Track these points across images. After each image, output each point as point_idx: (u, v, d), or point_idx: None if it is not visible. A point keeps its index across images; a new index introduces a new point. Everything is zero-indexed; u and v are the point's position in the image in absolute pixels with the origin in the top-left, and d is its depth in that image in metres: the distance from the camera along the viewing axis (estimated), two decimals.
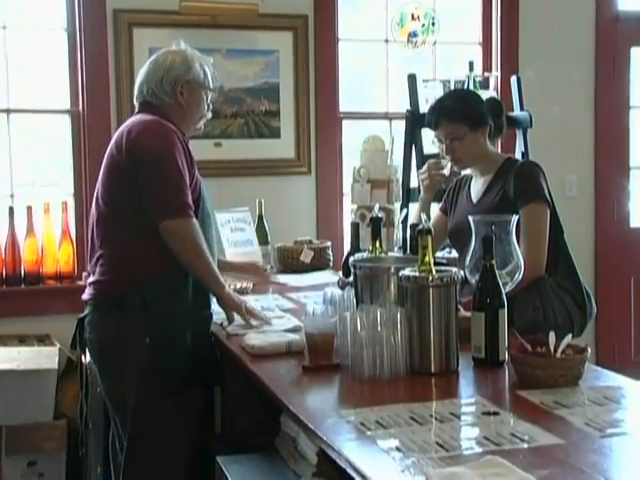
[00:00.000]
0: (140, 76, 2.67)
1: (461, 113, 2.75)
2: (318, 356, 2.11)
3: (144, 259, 2.44)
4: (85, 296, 2.52)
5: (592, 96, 4.86)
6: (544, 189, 2.68)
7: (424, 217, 2.15)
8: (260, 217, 3.78)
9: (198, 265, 2.46)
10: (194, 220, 2.44)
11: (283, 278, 3.60)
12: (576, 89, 4.83)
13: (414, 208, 3.20)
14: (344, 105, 4.51)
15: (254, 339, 2.33)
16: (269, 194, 4.07)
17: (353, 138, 4.50)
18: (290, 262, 3.82)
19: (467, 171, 2.97)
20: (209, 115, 2.76)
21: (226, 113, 4.20)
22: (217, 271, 2.52)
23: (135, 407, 2.44)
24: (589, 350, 1.93)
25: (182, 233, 2.41)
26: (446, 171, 2.99)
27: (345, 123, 4.52)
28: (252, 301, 3.06)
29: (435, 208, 3.08)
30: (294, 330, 2.45)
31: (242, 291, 3.23)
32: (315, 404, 1.90)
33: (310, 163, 4.37)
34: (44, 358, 3.53)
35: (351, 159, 4.38)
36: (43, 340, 3.77)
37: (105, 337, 2.47)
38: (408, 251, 2.45)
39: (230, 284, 3.23)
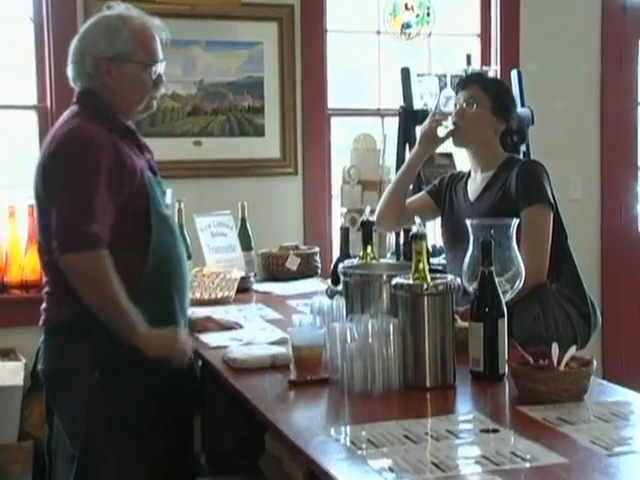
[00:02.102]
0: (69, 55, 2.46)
1: (495, 88, 2.85)
2: (305, 370, 2.11)
3: None
4: (40, 322, 2.41)
5: (598, 91, 4.89)
6: (547, 191, 2.70)
7: (418, 221, 2.16)
8: (243, 221, 3.78)
9: (98, 306, 2.21)
10: (99, 253, 2.20)
11: (268, 286, 3.60)
12: (581, 84, 4.85)
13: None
14: (333, 101, 4.51)
15: (236, 352, 2.33)
16: (253, 196, 4.06)
17: (343, 136, 4.51)
18: (275, 269, 3.82)
19: (461, 168, 2.98)
20: (161, 91, 2.48)
21: (206, 109, 4.20)
22: (127, 310, 2.22)
23: (82, 449, 2.31)
24: (595, 362, 1.94)
25: (79, 269, 2.20)
26: (446, 126, 2.90)
27: (334, 120, 4.53)
28: (234, 311, 3.07)
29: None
30: (279, 342, 2.45)
31: (224, 300, 3.23)
32: (302, 421, 1.90)
33: (297, 163, 4.37)
34: (8, 374, 3.51)
35: (341, 159, 4.39)
36: (7, 354, 3.75)
37: (52, 368, 2.36)
38: (401, 257, 2.46)
39: (211, 293, 3.23)
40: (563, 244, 2.76)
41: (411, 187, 3.83)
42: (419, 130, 3.11)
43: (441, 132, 2.87)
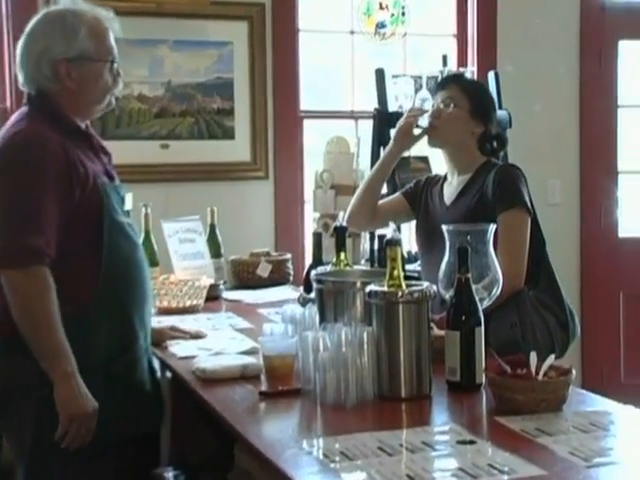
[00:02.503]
0: (17, 57, 2.35)
1: (474, 90, 2.87)
2: (276, 380, 2.11)
3: None
4: None
5: (577, 94, 4.93)
6: (525, 195, 2.71)
7: (393, 226, 2.17)
8: (212, 227, 3.77)
9: (24, 328, 2.13)
10: (40, 271, 2.13)
11: (238, 294, 3.59)
12: (559, 86, 4.89)
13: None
14: (305, 103, 4.52)
15: (205, 362, 2.32)
16: (222, 201, 4.06)
17: (315, 139, 4.52)
18: (245, 276, 3.81)
19: (437, 171, 3.00)
20: (119, 87, 2.42)
21: (174, 111, 4.19)
22: (55, 340, 2.14)
23: (29, 471, 2.24)
24: (574, 372, 1.95)
25: (15, 285, 2.13)
26: (422, 125, 2.90)
27: (306, 123, 4.54)
28: (203, 320, 3.07)
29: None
30: (250, 352, 2.45)
31: (192, 309, 3.22)
32: (273, 434, 1.90)
33: (268, 167, 4.37)
34: None
35: (313, 162, 4.40)
36: None
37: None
38: (376, 264, 2.46)
39: (179, 301, 3.22)
40: (541, 251, 2.77)
41: (385, 190, 3.86)
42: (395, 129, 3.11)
43: (417, 130, 2.88)
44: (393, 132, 3.01)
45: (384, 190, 3.87)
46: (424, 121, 2.85)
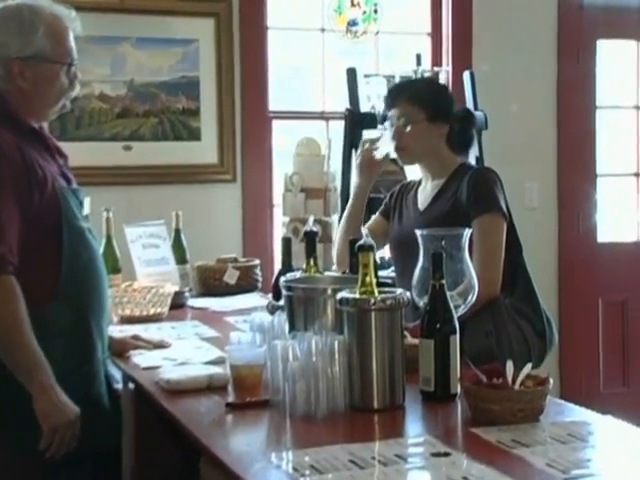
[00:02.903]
0: None
1: (424, 97, 2.82)
2: (244, 391, 2.11)
3: None
4: None
5: (554, 94, 4.97)
6: (500, 199, 2.73)
7: (365, 231, 2.17)
8: (177, 232, 3.76)
9: None
10: (6, 280, 2.11)
11: (204, 302, 3.58)
12: (536, 86, 4.93)
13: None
14: (274, 103, 4.52)
15: (170, 373, 2.31)
16: (187, 205, 4.05)
17: (285, 141, 4.52)
18: (212, 283, 3.80)
19: (412, 177, 3.00)
20: (76, 90, 2.38)
21: (137, 111, 4.18)
22: (29, 349, 2.12)
23: None
24: (551, 381, 1.96)
25: None
26: (381, 151, 2.92)
27: (275, 124, 4.54)
28: (168, 328, 3.06)
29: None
30: (216, 362, 2.44)
31: (156, 317, 3.21)
32: (241, 447, 1.89)
33: (235, 169, 4.37)
34: None
35: (282, 165, 4.40)
36: None
37: None
38: (347, 270, 2.46)
39: (142, 309, 3.21)
40: (517, 257, 2.79)
41: None
42: (354, 161, 3.12)
43: (378, 154, 2.90)
44: (354, 167, 3.03)
45: None
46: (383, 146, 2.87)
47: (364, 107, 4.08)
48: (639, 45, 5.16)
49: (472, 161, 4.08)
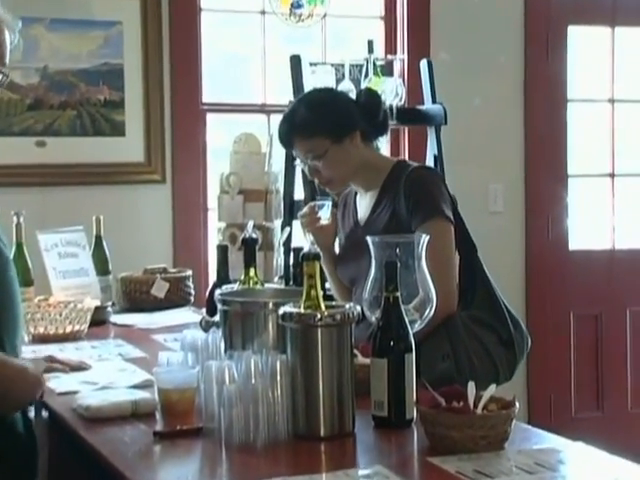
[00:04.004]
0: None
1: (317, 125, 2.80)
2: (174, 418, 2.10)
3: None
4: None
5: (521, 86, 5.03)
6: (440, 201, 2.73)
7: (310, 238, 2.18)
8: (98, 239, 3.74)
9: None
10: None
11: (129, 318, 3.57)
12: (501, 77, 4.98)
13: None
14: (209, 94, 4.52)
15: (90, 398, 2.30)
16: (110, 209, 4.03)
17: (221, 137, 4.52)
18: (138, 297, 3.79)
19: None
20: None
21: (52, 103, 4.15)
22: None
23: None
24: (517, 404, 1.98)
25: None
26: (324, 214, 2.90)
27: (210, 117, 4.53)
28: (87, 348, 3.04)
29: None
30: (143, 386, 2.43)
31: (74, 335, 3.19)
32: None
33: (164, 168, 4.36)
34: None
35: (218, 164, 4.39)
36: None
37: None
38: (291, 281, 2.47)
39: (58, 327, 3.18)
40: (471, 259, 2.82)
41: (303, 196, 3.89)
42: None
43: (324, 221, 2.88)
44: (310, 244, 2.98)
45: (301, 195, 3.93)
46: (321, 211, 2.87)
47: None
48: (614, 32, 5.24)
49: (430, 160, 4.15)
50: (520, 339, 2.81)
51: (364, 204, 2.89)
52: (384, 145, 3.09)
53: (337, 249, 2.97)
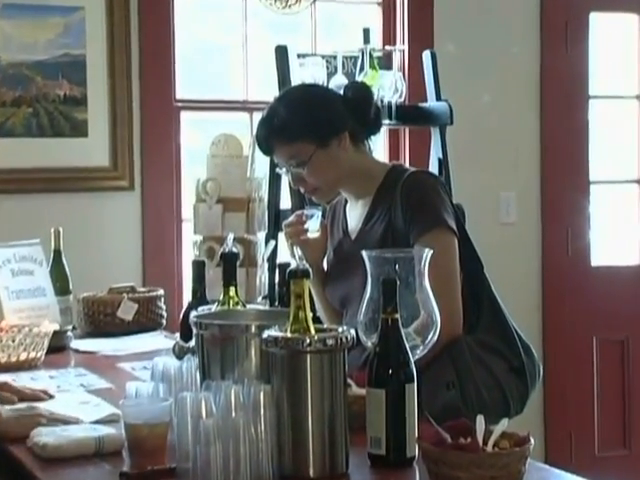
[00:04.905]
0: None
1: (299, 127, 2.79)
2: (144, 458, 2.10)
3: None
4: None
5: (537, 81, 5.04)
6: (443, 210, 2.73)
7: (298, 253, 2.19)
8: (57, 253, 3.73)
9: None
10: None
11: (92, 344, 3.56)
12: (514, 71, 5.00)
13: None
14: (183, 90, 4.53)
15: (47, 435, 2.30)
16: (71, 219, 4.03)
17: (197, 138, 4.52)
18: (103, 320, 3.78)
19: None
20: None
21: (4, 99, 4.16)
22: None
23: None
24: (532, 440, 1.99)
25: None
26: (313, 225, 2.93)
27: (185, 116, 4.54)
28: (45, 378, 3.03)
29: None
30: (108, 421, 2.43)
31: (30, 363, 3.19)
32: None
33: (133, 174, 4.36)
34: None
35: (194, 168, 4.40)
36: None
37: None
38: (276, 302, 2.47)
39: (11, 354, 3.18)
40: (477, 277, 2.82)
41: (290, 205, 3.89)
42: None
43: (312, 235, 2.89)
44: (297, 259, 2.98)
45: (288, 204, 3.94)
46: (309, 221, 2.88)
47: None
48: None
49: (433, 165, 4.16)
50: (532, 367, 2.81)
51: (355, 214, 2.89)
52: (378, 147, 3.09)
53: (326, 266, 2.97)
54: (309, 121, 2.81)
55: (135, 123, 4.36)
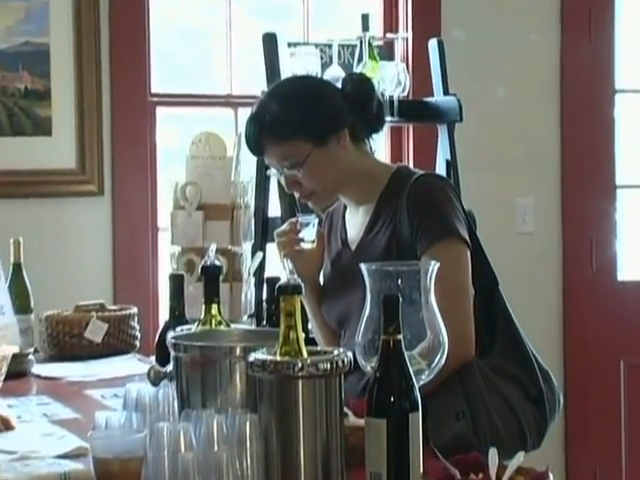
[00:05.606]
0: None
1: (293, 124, 2.81)
2: None
3: None
4: None
5: (557, 73, 5.06)
6: (454, 218, 2.74)
7: (289, 266, 2.19)
8: (17, 267, 3.74)
9: None
10: None
11: (56, 368, 3.56)
12: (532, 62, 5.01)
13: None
14: (159, 83, 4.53)
15: (6, 471, 2.30)
16: (33, 229, 4.03)
17: (174, 136, 4.53)
18: (68, 342, 3.78)
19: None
20: None
21: None
22: None
23: None
24: (551, 476, 2.00)
25: None
26: (309, 234, 2.94)
27: (161, 111, 4.55)
28: (3, 407, 3.03)
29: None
30: (74, 455, 2.43)
31: None
32: None
33: (102, 177, 4.36)
34: None
35: (171, 171, 4.40)
36: None
37: None
38: (264, 321, 2.48)
39: None
40: (491, 294, 2.83)
41: (279, 213, 3.90)
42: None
43: (305, 245, 2.91)
44: (289, 273, 2.99)
45: (277, 211, 3.95)
46: (304, 230, 2.89)
47: None
48: None
49: (441, 167, 4.17)
50: (551, 395, 2.81)
51: (355, 222, 2.90)
52: (381, 146, 3.11)
53: (322, 281, 2.98)
54: (305, 117, 2.82)
55: (105, 120, 4.36)
